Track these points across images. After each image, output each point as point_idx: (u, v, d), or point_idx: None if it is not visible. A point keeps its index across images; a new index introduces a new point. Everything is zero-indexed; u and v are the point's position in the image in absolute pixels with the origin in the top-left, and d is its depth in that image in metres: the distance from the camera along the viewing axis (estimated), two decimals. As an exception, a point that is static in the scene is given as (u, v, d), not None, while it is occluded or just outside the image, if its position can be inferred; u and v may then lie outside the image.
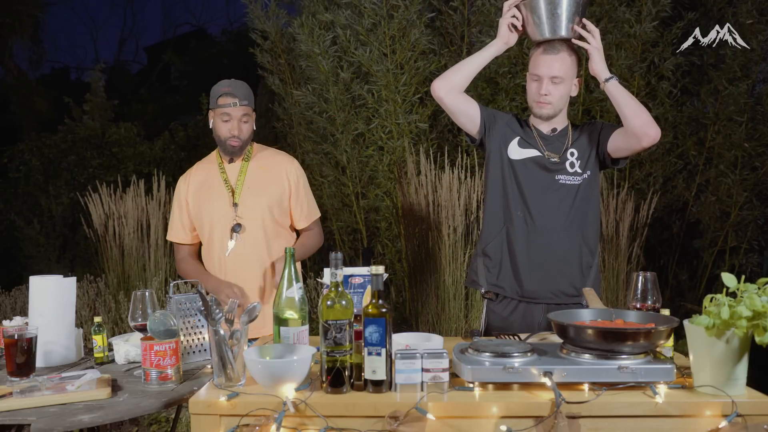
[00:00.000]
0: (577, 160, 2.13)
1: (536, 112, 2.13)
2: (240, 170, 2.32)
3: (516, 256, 2.13)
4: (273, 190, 2.32)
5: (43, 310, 1.92)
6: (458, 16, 4.71)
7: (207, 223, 2.31)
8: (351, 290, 1.75)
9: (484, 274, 2.19)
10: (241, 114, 2.26)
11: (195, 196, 2.34)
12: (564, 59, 2.05)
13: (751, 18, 4.54)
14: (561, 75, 2.05)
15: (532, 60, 2.10)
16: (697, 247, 5.07)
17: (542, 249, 2.11)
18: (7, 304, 4.97)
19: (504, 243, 2.15)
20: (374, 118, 4.62)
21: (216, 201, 2.30)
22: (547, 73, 2.05)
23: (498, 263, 2.16)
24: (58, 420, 1.43)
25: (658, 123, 2.03)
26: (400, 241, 4.45)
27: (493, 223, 2.18)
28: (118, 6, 30.43)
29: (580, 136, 2.16)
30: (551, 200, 2.11)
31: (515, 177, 2.14)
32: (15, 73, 11.14)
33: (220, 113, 2.26)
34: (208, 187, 2.33)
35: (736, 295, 1.33)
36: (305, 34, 4.52)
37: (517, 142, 2.15)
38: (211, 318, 1.57)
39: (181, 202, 2.37)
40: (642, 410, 1.33)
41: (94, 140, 8.30)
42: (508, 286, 2.15)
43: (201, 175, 2.37)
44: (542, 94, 2.07)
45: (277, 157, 2.41)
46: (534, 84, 2.10)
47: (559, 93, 2.08)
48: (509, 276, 2.14)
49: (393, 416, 1.31)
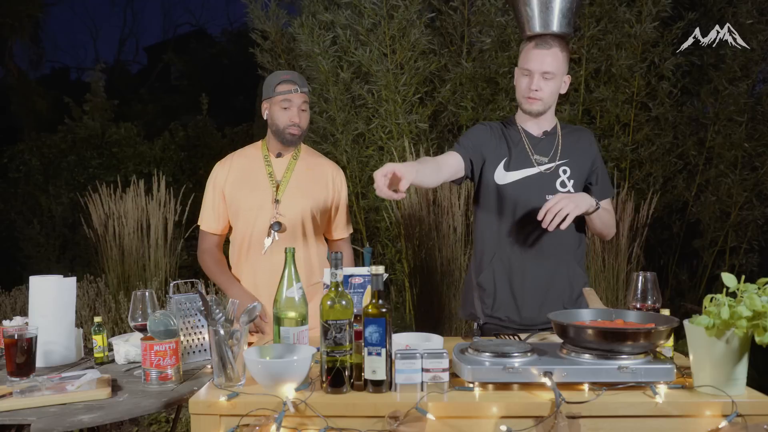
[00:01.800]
0: (569, 180, 2.05)
1: (525, 108, 2.05)
2: (287, 167, 2.25)
3: (511, 285, 2.05)
4: (318, 193, 2.26)
5: (43, 310, 1.92)
6: (458, 16, 4.70)
7: (243, 215, 2.22)
8: (351, 290, 1.75)
9: (480, 307, 2.10)
10: (301, 101, 2.20)
11: (234, 185, 2.25)
12: (556, 55, 1.99)
13: (751, 18, 4.54)
14: (552, 70, 1.99)
15: (523, 54, 2.03)
16: (697, 247, 5.06)
17: (538, 276, 2.04)
18: (7, 304, 4.97)
19: (497, 273, 2.06)
20: (374, 118, 4.62)
21: (257, 194, 2.21)
22: (538, 68, 1.98)
23: (492, 294, 2.07)
24: (58, 420, 1.43)
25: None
26: (400, 241, 4.45)
27: (485, 252, 2.10)
28: (118, 6, 30.48)
29: (572, 150, 2.08)
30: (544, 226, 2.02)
31: (504, 203, 2.05)
32: (15, 73, 11.13)
33: (279, 100, 2.19)
34: (250, 178, 2.24)
35: (736, 295, 1.33)
36: (305, 34, 4.52)
37: (503, 166, 2.06)
38: (211, 318, 1.57)
39: (217, 188, 2.27)
40: (642, 410, 1.33)
41: (94, 140, 8.30)
42: (506, 316, 2.06)
43: (243, 164, 2.29)
44: (533, 89, 2.00)
45: (325, 161, 2.36)
46: (524, 79, 2.03)
47: (550, 89, 2.02)
48: (505, 306, 2.06)
49: (393, 416, 1.31)
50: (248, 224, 2.23)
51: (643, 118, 4.70)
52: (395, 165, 1.67)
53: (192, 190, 6.13)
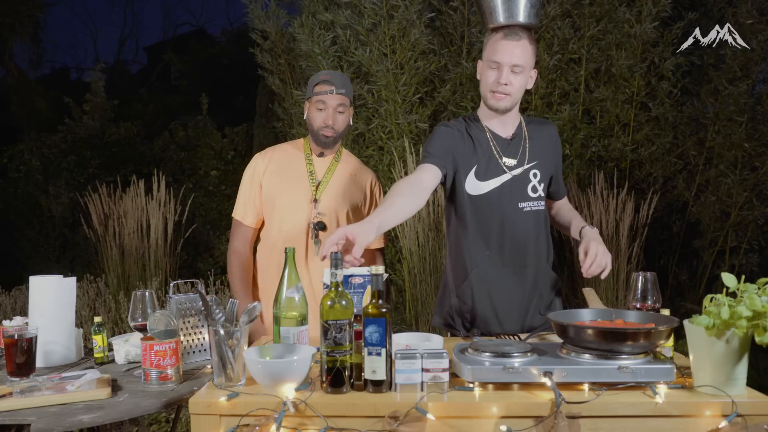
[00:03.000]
0: (539, 183, 1.99)
1: (492, 104, 1.93)
2: (329, 167, 2.23)
3: (492, 301, 1.98)
4: (356, 196, 2.24)
5: (43, 310, 1.92)
6: (458, 16, 4.70)
7: (279, 210, 2.19)
8: (351, 290, 1.75)
9: (460, 321, 2.03)
10: (336, 103, 2.17)
11: (272, 178, 2.21)
12: (525, 47, 1.88)
13: (751, 18, 4.54)
14: (522, 63, 1.88)
15: (490, 46, 1.91)
16: (697, 247, 5.06)
17: (517, 286, 1.98)
18: (7, 304, 4.97)
19: (475, 286, 1.98)
20: (374, 118, 4.62)
21: (295, 190, 2.18)
22: (508, 60, 1.87)
23: (471, 308, 2.00)
24: (58, 420, 1.43)
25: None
26: (400, 241, 4.45)
27: (460, 265, 2.01)
28: (118, 6, 30.49)
29: (540, 151, 2.01)
30: (518, 232, 1.96)
31: (478, 214, 1.96)
32: (15, 73, 11.13)
33: (316, 101, 2.18)
34: (290, 173, 2.21)
35: (736, 295, 1.33)
36: (305, 34, 4.52)
37: (474, 174, 1.95)
38: (211, 318, 1.57)
39: (255, 180, 2.22)
40: (642, 410, 1.33)
41: (94, 140, 8.30)
42: (486, 328, 1.99)
43: (283, 158, 2.26)
44: (502, 83, 1.88)
45: (365, 168, 2.34)
46: (492, 72, 1.90)
47: (519, 83, 1.91)
48: (486, 319, 1.99)
49: (393, 416, 1.31)
50: (283, 220, 2.19)
51: (643, 118, 4.70)
52: (347, 228, 1.55)
53: (192, 190, 6.14)
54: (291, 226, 2.18)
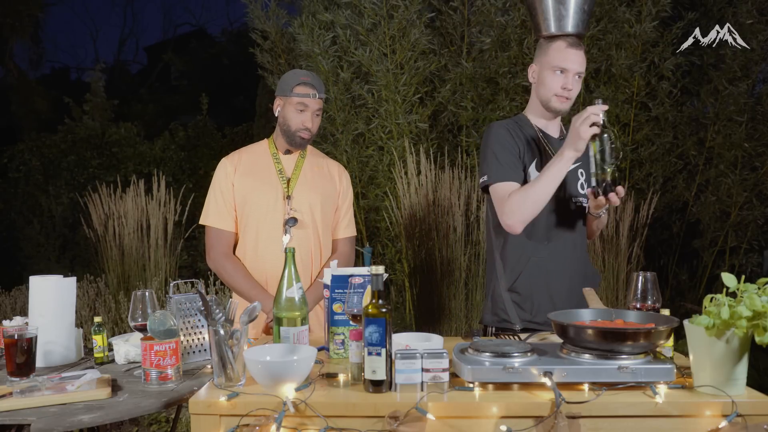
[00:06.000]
0: (585, 181, 2.10)
1: (556, 106, 2.03)
2: (296, 164, 2.26)
3: (549, 288, 2.03)
4: (327, 188, 2.28)
5: (43, 310, 1.92)
6: (458, 16, 4.71)
7: (255, 212, 2.20)
8: (351, 290, 1.75)
9: (516, 312, 2.05)
10: (317, 107, 2.20)
11: (243, 180, 2.22)
12: (584, 56, 2.01)
13: (751, 18, 4.55)
14: (583, 71, 2.01)
15: (554, 52, 2.00)
16: (697, 247, 5.07)
17: (571, 276, 2.05)
18: (7, 304, 4.98)
19: (533, 276, 2.03)
20: (374, 118, 4.62)
21: (268, 190, 2.21)
22: (575, 68, 1.98)
23: (530, 298, 2.04)
24: (58, 420, 1.43)
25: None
26: (400, 241, 4.45)
27: (518, 257, 2.05)
28: (118, 6, 30.53)
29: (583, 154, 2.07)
30: (571, 225, 2.07)
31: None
32: (15, 73, 11.14)
33: (296, 102, 2.18)
34: (260, 173, 2.23)
35: (736, 295, 1.33)
36: (305, 34, 4.52)
37: (535, 166, 2.04)
38: (211, 318, 1.57)
39: (223, 184, 2.22)
40: (642, 410, 1.33)
41: (94, 140, 8.31)
42: (544, 320, 1.97)
43: (251, 159, 2.27)
44: (568, 89, 1.99)
45: (331, 161, 2.38)
46: (558, 77, 2.00)
47: (578, 89, 2.04)
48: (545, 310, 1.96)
49: (393, 416, 1.31)
50: (260, 221, 2.20)
51: (643, 118, 4.70)
52: None
53: (192, 190, 6.14)
54: (268, 225, 2.20)
